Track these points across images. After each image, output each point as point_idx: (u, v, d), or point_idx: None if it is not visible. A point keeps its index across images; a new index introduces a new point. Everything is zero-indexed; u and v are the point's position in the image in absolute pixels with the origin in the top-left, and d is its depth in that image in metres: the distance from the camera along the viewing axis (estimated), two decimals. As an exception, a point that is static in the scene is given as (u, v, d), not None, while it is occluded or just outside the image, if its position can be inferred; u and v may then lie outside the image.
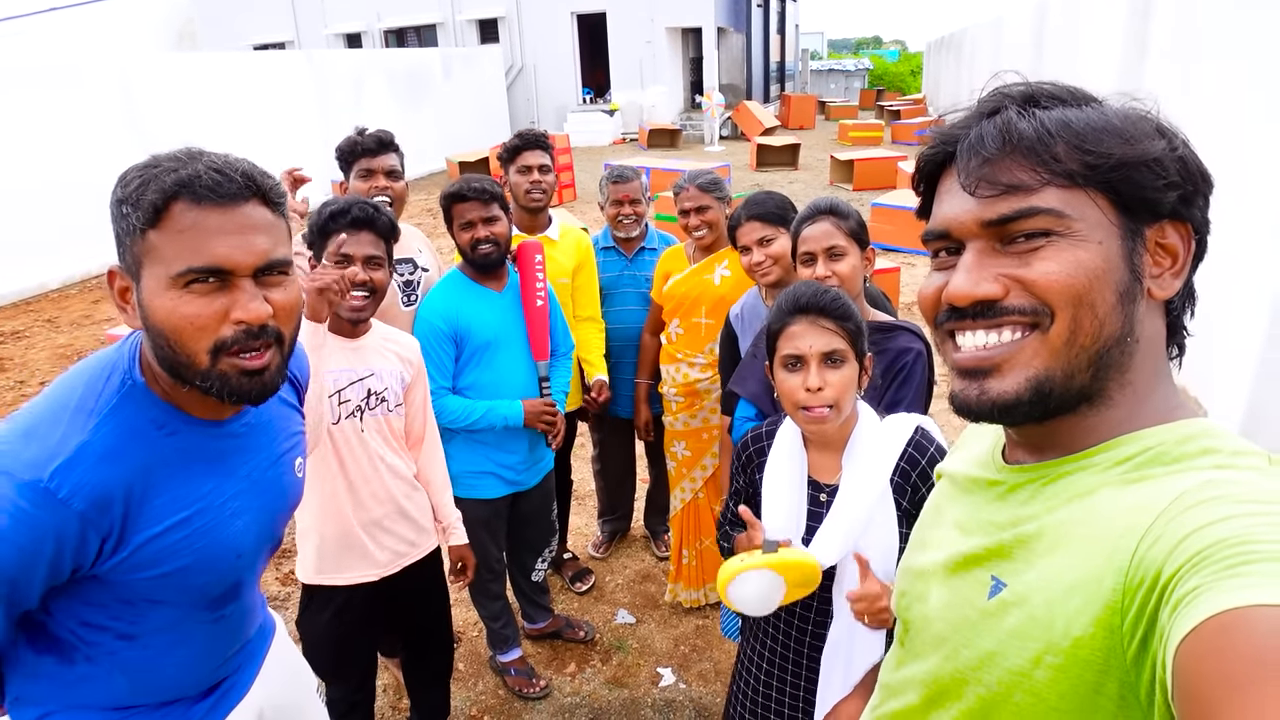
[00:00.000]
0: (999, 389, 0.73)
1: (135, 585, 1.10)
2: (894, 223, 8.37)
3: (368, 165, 2.63)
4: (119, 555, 1.06)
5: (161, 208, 1.01)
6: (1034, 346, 0.71)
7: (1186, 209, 0.71)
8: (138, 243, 1.03)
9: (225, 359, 1.06)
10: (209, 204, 1.03)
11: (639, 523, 3.79)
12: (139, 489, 1.07)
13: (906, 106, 21.02)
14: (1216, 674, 0.51)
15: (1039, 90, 0.74)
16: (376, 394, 2.07)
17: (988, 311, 0.73)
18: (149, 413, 1.10)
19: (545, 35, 19.76)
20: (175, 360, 1.06)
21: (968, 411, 0.76)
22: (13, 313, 8.02)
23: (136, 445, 1.07)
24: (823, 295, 1.59)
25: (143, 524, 1.07)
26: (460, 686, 2.86)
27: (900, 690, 0.91)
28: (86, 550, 1.03)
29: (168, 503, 1.10)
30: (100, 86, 9.35)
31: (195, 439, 1.15)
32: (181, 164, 1.03)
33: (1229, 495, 0.60)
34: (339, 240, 1.91)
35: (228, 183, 1.03)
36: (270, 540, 1.33)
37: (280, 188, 1.12)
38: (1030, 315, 0.71)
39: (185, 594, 1.16)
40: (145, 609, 1.14)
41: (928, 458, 1.57)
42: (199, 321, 1.03)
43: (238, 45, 21.53)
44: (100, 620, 1.12)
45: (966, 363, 0.75)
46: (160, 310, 1.03)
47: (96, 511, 1.02)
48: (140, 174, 1.03)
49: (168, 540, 1.10)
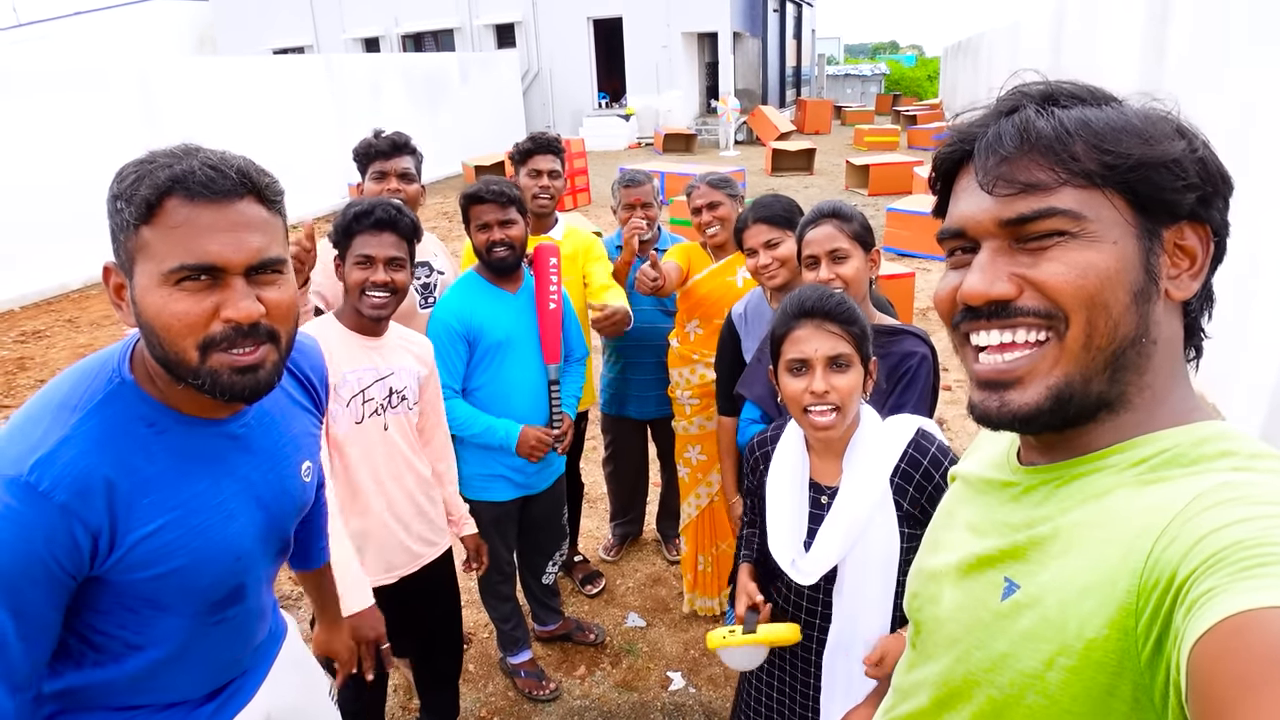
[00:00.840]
0: (1020, 400, 0.73)
1: (135, 587, 1.08)
2: (910, 228, 8.34)
3: (381, 168, 2.63)
4: (115, 554, 1.04)
5: (155, 203, 1.00)
6: (1053, 355, 0.71)
7: (1205, 210, 0.71)
8: (131, 238, 1.02)
9: (215, 355, 1.04)
10: (202, 200, 1.01)
11: (650, 526, 3.79)
12: (126, 485, 1.05)
13: (923, 111, 20.93)
14: (1230, 675, 0.50)
15: (1058, 89, 0.74)
16: (398, 392, 2.10)
17: (1001, 312, 0.73)
18: (137, 409, 1.08)
19: (561, 40, 19.82)
20: (167, 357, 1.04)
21: (988, 422, 0.76)
22: (34, 312, 8.13)
23: (122, 441, 1.06)
24: (828, 299, 1.58)
25: (134, 522, 1.06)
26: (470, 687, 2.87)
27: (912, 692, 0.90)
28: (79, 551, 1.01)
29: (158, 501, 1.08)
30: (121, 90, 9.48)
31: (189, 437, 1.13)
32: (177, 160, 1.02)
33: (1247, 497, 0.59)
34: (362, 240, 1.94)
35: (222, 179, 1.02)
36: (277, 543, 1.31)
37: (277, 185, 1.11)
38: (1044, 319, 0.71)
39: (186, 597, 1.14)
40: (150, 616, 1.12)
41: (929, 458, 1.57)
42: (188, 319, 1.02)
43: (257, 50, 21.74)
44: (107, 628, 1.11)
45: (986, 375, 0.75)
46: (151, 307, 1.02)
47: (79, 503, 1.00)
48: (135, 169, 1.02)
49: (161, 539, 1.08)
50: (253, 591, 1.28)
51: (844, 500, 1.57)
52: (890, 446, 1.59)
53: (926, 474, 1.56)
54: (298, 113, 12.30)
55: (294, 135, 11.68)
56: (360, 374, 2.03)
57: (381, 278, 1.97)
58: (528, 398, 2.57)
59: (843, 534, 1.55)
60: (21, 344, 7.11)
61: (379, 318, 2.03)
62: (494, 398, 2.52)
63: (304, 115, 12.37)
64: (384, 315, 2.04)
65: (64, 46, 23.89)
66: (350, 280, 2.00)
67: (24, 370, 6.42)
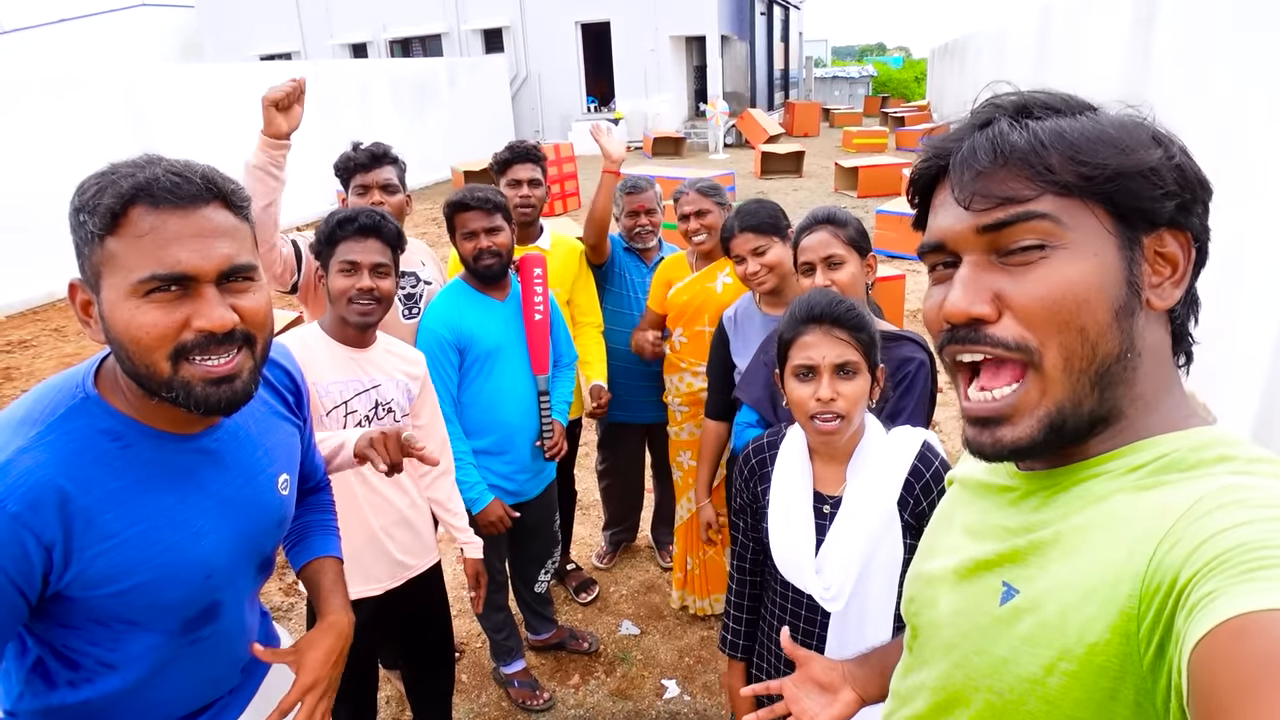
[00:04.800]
0: (1012, 435, 0.73)
1: (100, 603, 1.05)
2: (899, 230, 8.36)
3: (363, 181, 2.61)
4: (71, 569, 1.01)
5: (119, 213, 0.98)
6: (1038, 387, 0.71)
7: (1185, 217, 0.70)
8: (96, 251, 0.99)
9: (187, 366, 1.02)
10: (168, 207, 0.99)
11: (644, 533, 3.78)
12: (85, 499, 1.01)
13: (911, 113, 21.04)
14: (1230, 678, 0.50)
15: (1032, 100, 0.73)
16: (384, 404, 2.06)
17: (974, 335, 0.73)
18: (101, 424, 1.06)
19: (550, 44, 19.82)
20: (137, 371, 1.02)
21: (984, 457, 0.76)
22: (20, 322, 8.06)
23: (83, 455, 1.03)
24: (837, 305, 1.57)
25: (92, 536, 1.02)
26: (463, 698, 2.85)
27: (910, 697, 0.90)
28: (30, 564, 0.97)
29: (120, 516, 1.05)
30: (107, 97, 9.41)
31: (157, 452, 1.10)
32: (139, 169, 1.00)
33: (1249, 500, 0.59)
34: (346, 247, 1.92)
35: (186, 184, 1.00)
36: (255, 559, 1.28)
37: (243, 191, 1.08)
38: (1018, 352, 0.71)
39: (155, 614, 1.11)
40: (120, 631, 1.10)
41: (932, 472, 1.57)
42: (157, 330, 0.99)
43: (244, 56, 21.66)
44: (78, 644, 1.09)
45: (977, 413, 0.75)
46: (120, 321, 1.00)
47: (31, 514, 0.96)
48: (97, 181, 1.00)
49: (121, 554, 1.05)
50: (230, 610, 1.24)
51: (848, 513, 1.57)
52: (896, 460, 1.58)
53: (927, 487, 1.56)
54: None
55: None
56: (343, 385, 1.99)
57: (367, 284, 1.94)
58: (519, 406, 2.56)
59: (858, 552, 1.54)
60: (7, 354, 7.05)
61: (365, 325, 2.00)
62: (486, 408, 2.51)
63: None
64: (370, 323, 2.01)
65: (49, 54, 23.75)
66: (335, 288, 1.97)
67: (10, 381, 6.36)
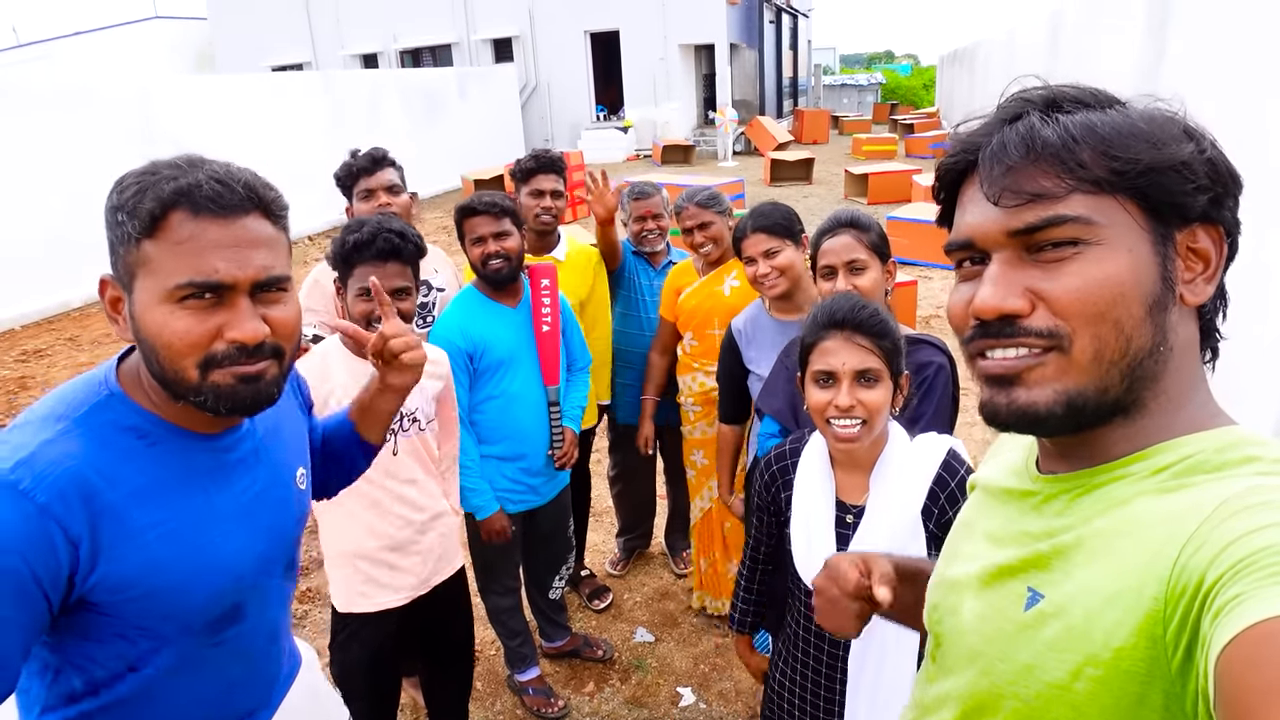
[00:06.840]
0: (1027, 398, 0.71)
1: (124, 608, 1.03)
2: (910, 236, 8.33)
3: (366, 185, 2.64)
4: (99, 569, 0.99)
5: (159, 217, 0.97)
6: (1058, 364, 0.70)
7: (1217, 211, 0.70)
8: (132, 252, 0.99)
9: (216, 373, 1.01)
10: (208, 215, 0.98)
11: (658, 540, 3.76)
12: (112, 494, 1.00)
13: (920, 120, 21.00)
14: (1257, 682, 0.49)
15: (1061, 94, 0.72)
16: (408, 414, 2.06)
17: (1008, 330, 0.71)
18: (127, 420, 1.05)
19: (559, 54, 19.89)
20: (165, 375, 1.01)
21: (996, 420, 0.74)
22: (35, 331, 8.12)
23: (109, 450, 1.02)
24: (860, 310, 1.53)
25: (121, 534, 1.00)
26: (478, 706, 2.83)
27: (934, 708, 0.88)
28: (56, 561, 0.94)
29: (148, 513, 1.03)
30: (121, 108, 9.51)
31: (184, 451, 1.09)
32: (182, 172, 0.99)
33: (1275, 502, 0.58)
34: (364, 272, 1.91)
35: (229, 194, 0.99)
36: (282, 560, 1.26)
37: (282, 200, 1.08)
38: (1047, 339, 0.70)
39: (178, 615, 1.08)
40: (145, 648, 1.07)
41: (957, 480, 1.54)
42: (190, 338, 0.99)
43: (256, 67, 21.82)
44: (104, 660, 1.06)
45: (993, 370, 0.73)
46: (152, 325, 0.99)
47: (60, 504, 0.94)
48: (138, 181, 0.99)
49: (150, 552, 1.03)
50: (253, 611, 1.22)
51: (871, 522, 1.54)
52: (921, 469, 1.55)
53: (952, 497, 1.53)
54: (297, 130, 12.33)
55: (293, 152, 11.67)
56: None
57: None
58: (531, 413, 2.55)
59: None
60: (23, 363, 7.10)
61: None
62: (499, 411, 2.50)
63: (303, 132, 12.40)
64: None
65: (64, 66, 24.02)
66: (355, 311, 1.97)
67: (25, 389, 6.40)
